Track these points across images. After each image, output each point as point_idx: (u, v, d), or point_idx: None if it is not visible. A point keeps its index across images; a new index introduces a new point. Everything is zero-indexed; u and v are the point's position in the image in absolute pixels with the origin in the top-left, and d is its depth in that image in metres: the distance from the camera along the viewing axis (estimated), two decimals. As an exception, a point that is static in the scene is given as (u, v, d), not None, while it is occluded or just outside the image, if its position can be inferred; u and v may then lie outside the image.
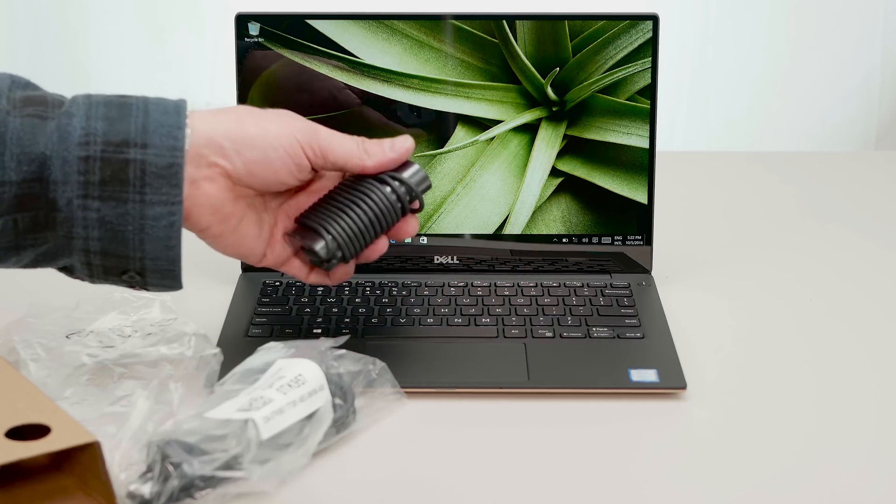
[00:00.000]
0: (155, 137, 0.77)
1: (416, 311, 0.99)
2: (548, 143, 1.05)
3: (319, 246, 0.83)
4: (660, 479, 0.79)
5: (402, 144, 0.85)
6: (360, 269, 1.06)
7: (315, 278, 0.88)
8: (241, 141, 0.80)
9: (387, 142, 0.85)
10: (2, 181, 0.76)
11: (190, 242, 1.07)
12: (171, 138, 0.77)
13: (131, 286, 0.82)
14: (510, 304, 1.00)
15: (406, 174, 0.85)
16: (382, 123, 1.04)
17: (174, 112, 0.79)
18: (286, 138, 0.81)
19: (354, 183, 0.85)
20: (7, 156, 0.75)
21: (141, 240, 0.78)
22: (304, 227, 0.85)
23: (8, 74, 0.80)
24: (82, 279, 0.82)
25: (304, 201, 0.87)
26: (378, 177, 0.85)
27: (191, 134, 0.78)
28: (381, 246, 0.86)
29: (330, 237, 0.83)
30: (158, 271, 0.80)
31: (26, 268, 0.81)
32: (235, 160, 0.80)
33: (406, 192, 0.85)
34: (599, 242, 1.06)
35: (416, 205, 0.86)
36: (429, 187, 0.86)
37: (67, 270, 0.82)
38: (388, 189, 0.84)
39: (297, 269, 0.88)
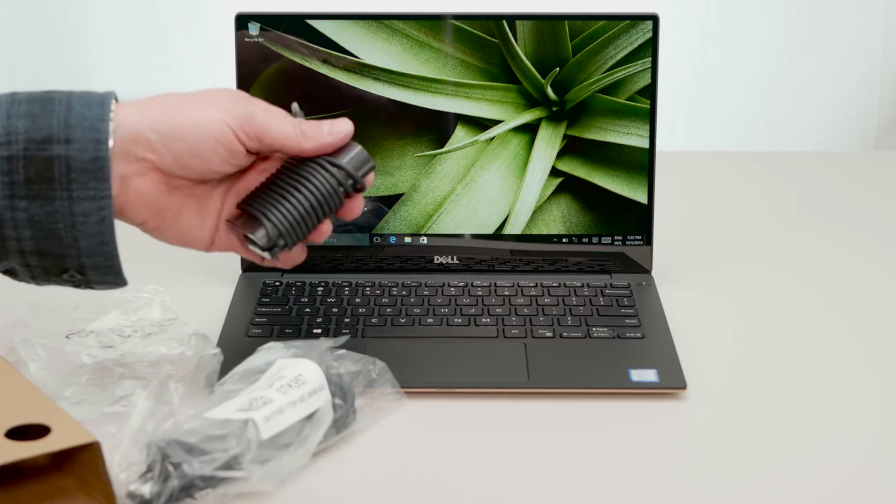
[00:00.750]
0: (78, 131, 0.75)
1: (416, 311, 0.99)
2: (548, 143, 1.05)
3: (260, 235, 0.82)
4: (660, 479, 0.79)
5: (342, 128, 0.83)
6: (361, 269, 1.06)
7: (269, 261, 0.85)
8: (169, 133, 0.77)
9: (326, 124, 0.83)
10: None
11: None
12: (95, 131, 0.75)
13: (76, 285, 0.80)
14: (510, 304, 1.00)
15: (346, 158, 0.83)
16: (382, 124, 1.04)
17: (98, 104, 0.76)
18: (216, 126, 0.78)
19: (296, 166, 0.83)
20: None
21: (74, 237, 0.76)
22: (246, 214, 0.83)
23: None
24: (27, 282, 0.80)
25: (253, 181, 0.85)
26: (319, 160, 0.83)
27: (116, 129, 0.76)
28: (325, 229, 0.85)
29: (271, 225, 0.81)
30: (97, 268, 0.78)
31: None
32: (164, 153, 0.78)
33: (346, 176, 0.83)
34: (599, 242, 1.06)
35: (360, 187, 0.85)
36: (371, 168, 0.84)
37: (11, 273, 0.80)
38: (327, 174, 0.83)
39: (249, 253, 0.86)
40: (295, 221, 0.82)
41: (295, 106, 0.85)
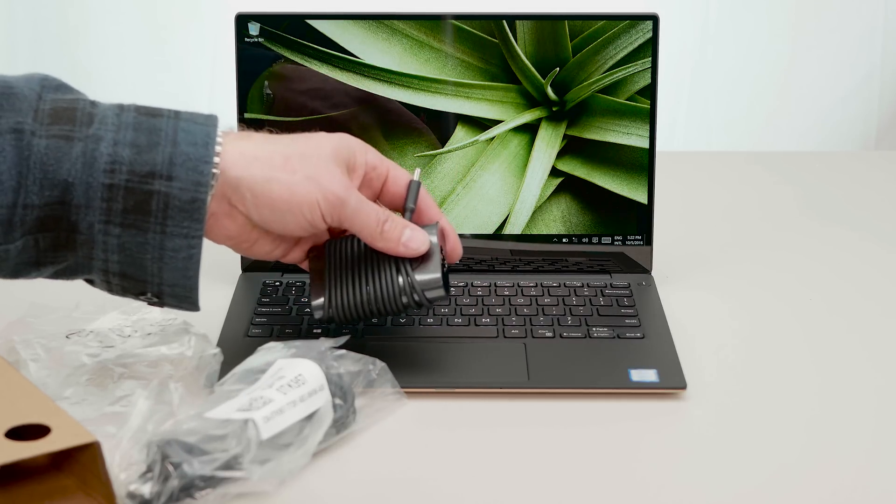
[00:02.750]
0: (181, 171, 0.77)
1: (416, 310, 0.99)
2: (548, 143, 1.05)
3: (316, 308, 0.87)
4: (660, 479, 0.79)
5: (417, 246, 0.84)
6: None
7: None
8: (263, 200, 0.80)
9: (407, 231, 0.84)
10: (25, 204, 0.76)
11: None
12: (198, 173, 0.77)
13: (149, 304, 0.83)
14: (510, 304, 1.00)
15: (420, 275, 0.85)
16: (381, 124, 1.04)
17: (203, 143, 0.78)
18: (308, 206, 0.81)
19: (379, 253, 0.86)
20: (31, 179, 0.75)
21: (160, 268, 0.78)
22: (319, 268, 0.87)
23: (40, 77, 0.79)
24: (102, 290, 0.83)
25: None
26: (397, 262, 0.86)
27: (219, 176, 0.78)
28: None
29: (330, 308, 0.86)
30: (175, 296, 0.81)
31: (47, 279, 0.82)
32: (253, 212, 0.81)
33: (411, 289, 0.85)
34: (599, 242, 1.06)
35: (421, 303, 0.86)
36: (439, 295, 0.86)
37: (90, 282, 0.83)
38: (397, 280, 0.85)
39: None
40: (351, 310, 0.86)
41: (417, 172, 0.89)
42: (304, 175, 0.81)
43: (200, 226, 0.78)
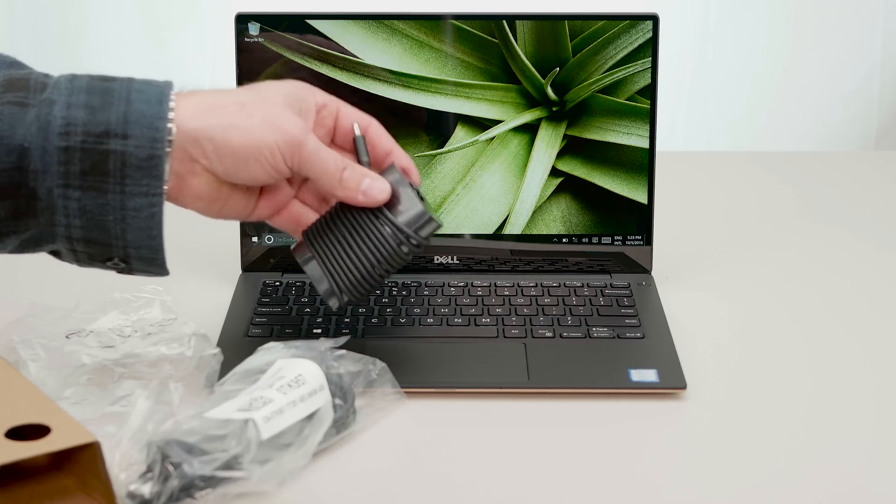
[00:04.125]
0: (136, 128, 0.76)
1: (416, 311, 0.99)
2: (548, 143, 1.05)
3: (327, 297, 0.85)
4: (660, 479, 0.79)
5: (376, 192, 0.83)
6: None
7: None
8: (224, 149, 0.79)
9: (366, 179, 0.83)
10: None
11: (191, 243, 1.07)
12: (152, 129, 0.76)
13: (119, 272, 0.82)
14: (510, 304, 1.00)
15: (402, 217, 0.83)
16: (382, 124, 1.04)
17: (157, 101, 0.77)
18: (269, 150, 0.79)
19: (356, 217, 0.84)
20: None
21: (122, 229, 0.78)
22: (308, 257, 0.85)
23: None
24: (71, 263, 0.82)
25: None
26: (377, 216, 0.83)
27: (176, 132, 0.77)
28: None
29: (342, 293, 0.84)
30: (142, 259, 0.80)
31: (13, 253, 0.81)
32: (216, 164, 0.79)
33: (407, 237, 0.83)
34: (599, 242, 1.06)
35: (417, 244, 0.84)
36: (431, 227, 0.84)
37: (55, 254, 0.82)
38: (387, 232, 0.83)
39: (284, 223, 0.88)
40: (362, 284, 0.84)
41: (356, 127, 0.87)
42: (261, 119, 0.79)
43: (160, 183, 0.77)
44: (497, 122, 1.05)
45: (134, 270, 0.82)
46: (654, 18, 1.03)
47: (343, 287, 0.84)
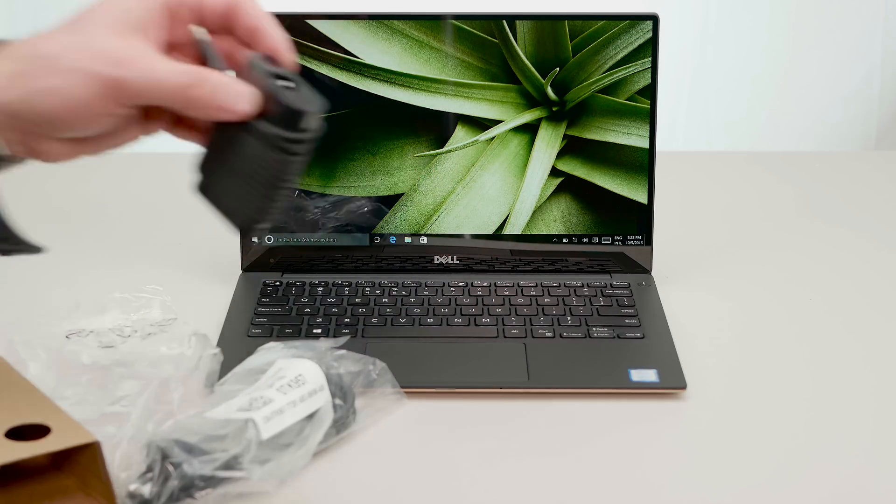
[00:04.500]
0: None
1: (416, 311, 0.99)
2: (548, 143, 1.05)
3: (252, 233, 0.76)
4: (660, 478, 0.79)
5: (236, 102, 0.68)
6: (361, 269, 1.06)
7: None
8: (40, 120, 0.66)
9: (220, 92, 0.67)
10: None
11: (191, 243, 1.07)
12: None
13: None
14: (510, 304, 1.00)
15: (279, 121, 0.68)
16: (382, 124, 1.04)
17: None
18: (85, 105, 0.66)
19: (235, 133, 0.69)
20: None
21: None
22: (210, 191, 0.72)
23: None
24: None
25: None
26: (252, 127, 0.69)
27: None
28: None
29: (260, 223, 0.72)
30: None
31: None
32: (50, 132, 0.68)
33: (289, 142, 0.69)
34: (599, 242, 1.06)
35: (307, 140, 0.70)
36: (317, 117, 0.70)
37: None
38: (263, 143, 0.69)
39: (160, 125, 0.73)
40: (273, 208, 0.71)
41: (197, 31, 0.72)
42: (68, 68, 0.65)
43: None
44: (497, 122, 1.05)
45: None
46: (654, 18, 1.03)
47: (253, 215, 0.72)
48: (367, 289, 1.02)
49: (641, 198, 1.05)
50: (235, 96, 0.68)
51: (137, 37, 0.67)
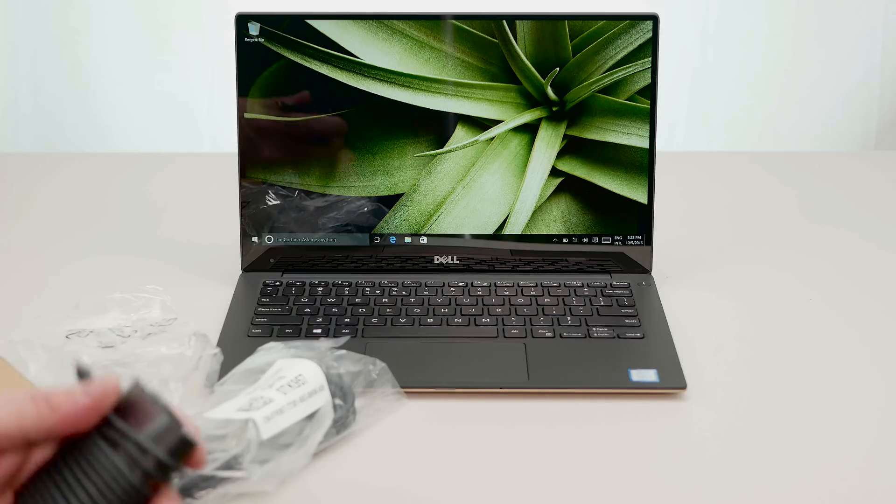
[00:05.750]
0: None
1: (416, 311, 0.99)
2: (548, 143, 1.05)
3: None
4: (659, 478, 0.79)
5: (100, 386, 0.58)
6: (361, 269, 1.06)
7: None
8: None
9: (78, 386, 0.58)
10: None
11: (191, 243, 1.07)
12: None
13: None
14: (510, 304, 1.00)
15: (145, 431, 0.58)
16: (382, 123, 1.04)
17: None
18: None
19: (81, 444, 0.59)
20: None
21: None
22: None
23: None
24: None
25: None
26: (106, 433, 0.58)
27: None
28: (200, 457, 0.61)
29: None
30: None
31: None
32: None
33: (148, 460, 0.58)
34: (599, 242, 1.06)
35: (171, 469, 0.59)
36: (188, 446, 0.59)
37: None
38: (120, 457, 0.58)
39: None
40: None
41: (81, 363, 0.61)
42: None
43: None
44: (497, 122, 1.05)
45: None
46: (654, 18, 1.03)
47: None
48: (367, 289, 1.02)
49: (641, 198, 1.05)
50: (102, 381, 0.59)
51: None
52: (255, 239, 1.06)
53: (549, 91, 1.04)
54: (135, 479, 0.58)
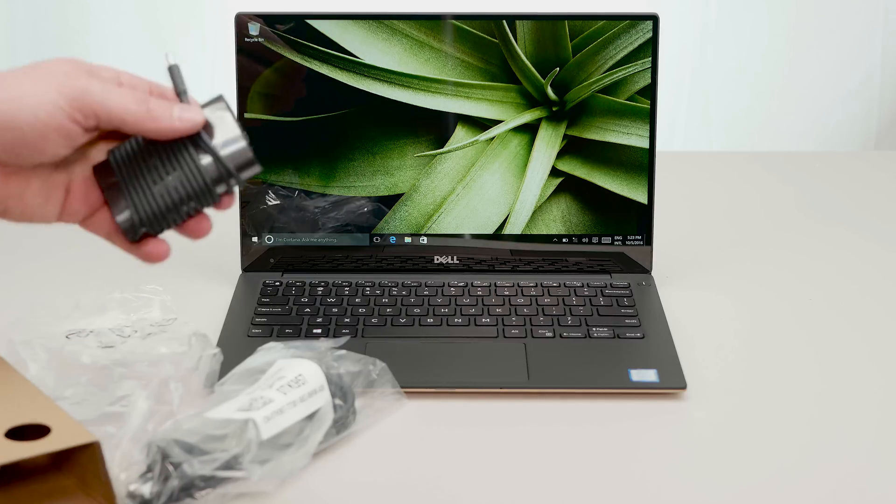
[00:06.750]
0: None
1: (416, 311, 0.99)
2: (548, 143, 1.05)
3: (123, 223, 0.73)
4: (660, 478, 0.79)
5: (192, 115, 0.71)
6: (361, 269, 1.06)
7: (119, 240, 0.75)
8: None
9: (176, 107, 0.71)
10: None
11: (191, 243, 1.07)
12: None
13: None
14: (510, 304, 1.00)
15: (226, 150, 0.72)
16: (382, 123, 1.04)
17: None
18: (46, 108, 0.67)
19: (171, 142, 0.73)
20: None
21: None
22: (113, 183, 0.73)
23: None
24: None
25: (102, 148, 0.74)
26: (197, 142, 0.72)
27: None
28: (202, 226, 0.74)
29: (139, 217, 0.73)
30: None
31: None
32: None
33: (222, 170, 0.72)
34: (599, 242, 1.06)
35: (232, 187, 0.74)
36: (254, 170, 0.73)
37: None
38: (204, 161, 0.72)
39: (99, 227, 0.75)
40: (163, 212, 0.73)
41: (167, 55, 0.76)
42: (31, 80, 0.68)
43: None
44: (497, 122, 1.05)
45: None
46: (654, 18, 1.03)
47: (144, 220, 0.73)
48: (367, 289, 1.02)
49: (641, 198, 1.05)
50: (194, 113, 0.72)
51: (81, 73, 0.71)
52: (255, 239, 1.06)
53: (549, 91, 1.04)
54: (214, 191, 0.72)
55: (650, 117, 1.04)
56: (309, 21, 1.03)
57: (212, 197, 0.73)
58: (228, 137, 0.73)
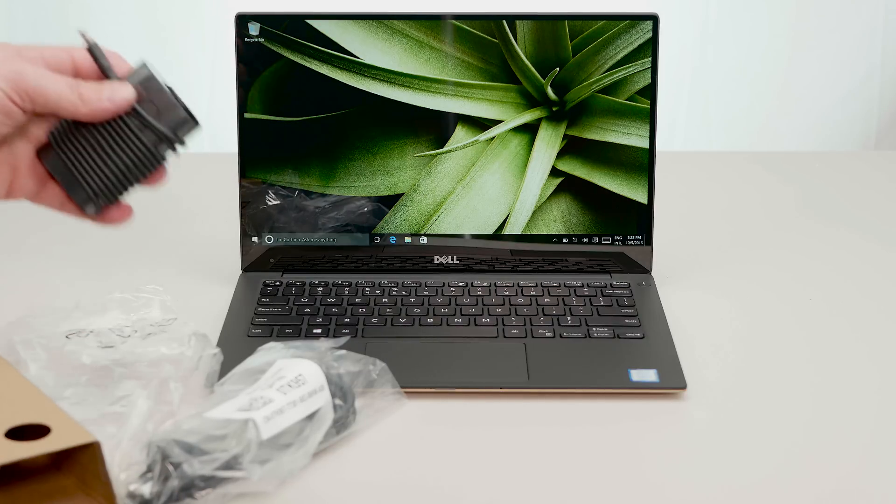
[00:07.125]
0: None
1: (416, 311, 0.99)
2: (548, 143, 1.05)
3: (84, 203, 0.79)
4: (659, 478, 0.79)
5: (123, 94, 0.77)
6: (361, 269, 1.06)
7: (72, 209, 0.81)
8: None
9: (106, 88, 0.77)
10: None
11: (191, 243, 1.07)
12: None
13: None
14: (510, 304, 1.00)
15: (164, 120, 0.79)
16: (382, 123, 1.04)
17: None
18: None
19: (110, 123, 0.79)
20: None
21: None
22: (59, 164, 0.79)
23: None
24: None
25: (44, 126, 0.79)
26: (136, 117, 0.78)
27: None
28: (160, 176, 0.81)
29: (98, 197, 0.80)
30: None
31: None
32: None
33: (162, 138, 0.79)
34: (599, 242, 1.06)
35: (178, 146, 0.81)
36: (191, 128, 0.80)
37: None
38: (143, 135, 0.79)
39: (51, 199, 0.81)
40: (118, 187, 0.79)
41: (89, 38, 0.80)
42: None
43: None
44: (497, 122, 1.05)
45: None
46: (654, 18, 1.03)
47: (100, 193, 0.79)
48: (367, 289, 1.02)
49: (641, 198, 1.05)
50: (125, 93, 0.77)
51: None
52: (255, 239, 1.06)
53: (549, 91, 1.04)
54: (158, 154, 0.79)
55: (650, 117, 1.04)
56: (309, 21, 1.03)
57: (158, 158, 0.80)
58: (161, 104, 0.79)
